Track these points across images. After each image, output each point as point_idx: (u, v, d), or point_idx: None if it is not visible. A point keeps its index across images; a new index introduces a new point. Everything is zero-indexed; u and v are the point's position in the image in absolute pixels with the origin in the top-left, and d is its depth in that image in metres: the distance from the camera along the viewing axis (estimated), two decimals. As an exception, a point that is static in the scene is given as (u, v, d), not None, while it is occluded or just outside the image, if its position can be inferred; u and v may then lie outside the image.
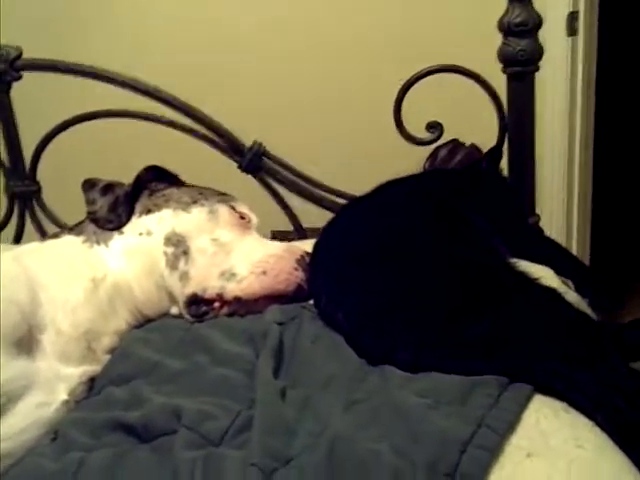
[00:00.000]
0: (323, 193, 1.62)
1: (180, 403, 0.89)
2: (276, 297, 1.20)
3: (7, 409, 0.96)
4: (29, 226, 1.73)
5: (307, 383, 0.91)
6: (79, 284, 1.16)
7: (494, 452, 0.74)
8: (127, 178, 1.33)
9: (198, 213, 1.26)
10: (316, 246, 1.21)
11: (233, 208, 1.29)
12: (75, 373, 1.07)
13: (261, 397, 0.86)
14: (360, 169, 1.55)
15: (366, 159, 1.63)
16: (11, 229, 1.75)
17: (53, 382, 1.03)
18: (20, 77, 1.60)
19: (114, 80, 1.61)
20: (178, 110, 1.62)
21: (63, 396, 1.03)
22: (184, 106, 1.61)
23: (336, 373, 0.92)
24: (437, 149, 1.75)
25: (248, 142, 1.60)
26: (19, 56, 1.58)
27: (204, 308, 1.19)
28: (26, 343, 1.02)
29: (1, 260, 1.15)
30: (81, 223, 1.29)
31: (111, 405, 0.96)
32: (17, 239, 1.73)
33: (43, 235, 1.71)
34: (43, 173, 1.71)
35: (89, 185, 1.34)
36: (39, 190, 1.70)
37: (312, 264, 1.20)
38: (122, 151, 1.74)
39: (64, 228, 1.58)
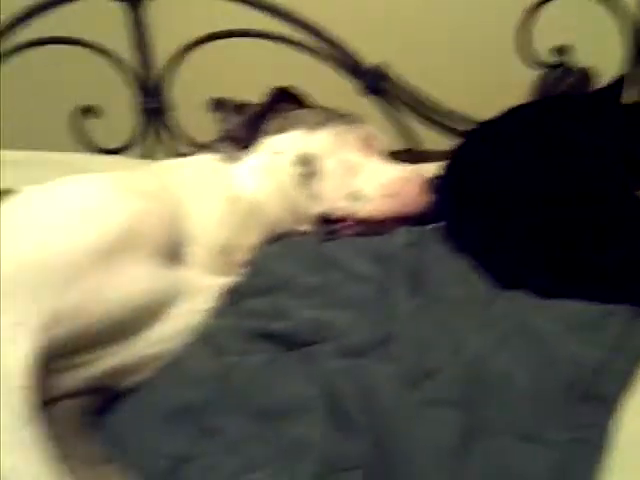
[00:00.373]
0: (443, 116, 1.63)
1: (323, 315, 0.96)
2: (402, 219, 1.24)
3: (160, 315, 1.03)
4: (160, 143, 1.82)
5: (438, 304, 0.96)
6: (216, 201, 1.22)
7: (628, 377, 0.77)
8: (254, 99, 1.38)
9: (327, 134, 1.30)
10: (446, 169, 1.23)
11: (361, 130, 1.33)
12: (216, 283, 1.15)
13: (399, 314, 0.91)
14: (482, 93, 1.54)
15: (488, 83, 1.61)
16: (140, 146, 1.84)
17: (198, 291, 1.11)
18: (152, -5, 1.66)
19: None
20: (305, 30, 1.65)
21: (207, 305, 1.11)
22: (311, 26, 1.63)
23: (465, 296, 0.96)
24: (547, 74, 1.72)
25: (370, 63, 1.62)
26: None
27: (332, 227, 1.25)
28: (174, 255, 1.09)
29: (142, 176, 1.24)
30: (214, 142, 1.35)
31: (254, 315, 1.03)
32: (146, 156, 1.82)
33: (172, 153, 1.80)
34: (174, 91, 1.78)
35: (220, 104, 1.39)
36: (167, 108, 1.77)
37: (440, 187, 1.22)
38: (248, 71, 1.78)
39: (193, 146, 1.66)
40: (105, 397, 0.99)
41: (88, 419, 0.95)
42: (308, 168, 1.27)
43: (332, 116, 1.35)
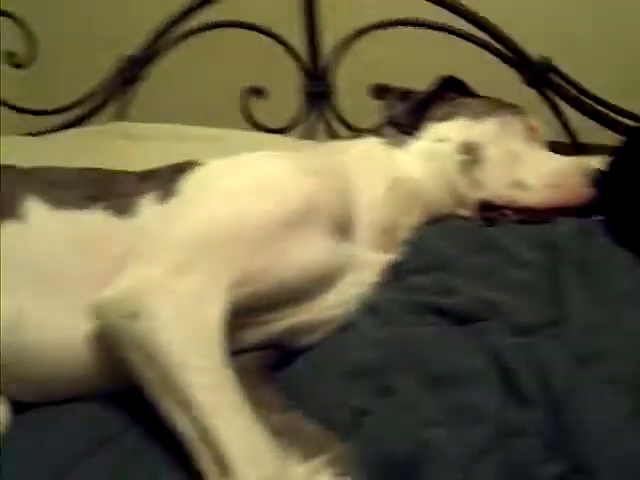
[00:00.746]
0: (605, 110, 1.63)
1: (491, 295, 1.02)
2: (562, 210, 1.27)
3: (335, 283, 1.13)
4: (321, 125, 1.92)
5: (609, 294, 0.99)
6: (381, 182, 1.28)
7: None
8: (416, 87, 1.43)
9: (492, 124, 1.34)
10: (610, 164, 1.25)
11: (524, 120, 1.36)
12: (380, 259, 1.22)
13: (570, 299, 0.95)
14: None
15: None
16: (301, 127, 1.94)
17: (365, 265, 1.18)
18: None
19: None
20: (470, 22, 1.69)
21: (372, 278, 1.19)
22: (476, 18, 1.67)
23: (635, 287, 0.98)
24: None
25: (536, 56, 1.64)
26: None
27: (493, 214, 1.29)
28: (344, 230, 1.17)
29: (316, 155, 1.33)
30: (379, 127, 1.42)
31: (421, 291, 1.10)
32: (306, 137, 1.91)
33: (331, 135, 1.89)
34: (337, 76, 1.87)
35: (386, 91, 1.45)
36: (331, 92, 1.86)
37: (603, 181, 1.24)
38: (412, 60, 1.84)
39: (352, 130, 1.73)
40: (281, 353, 1.10)
41: (266, 372, 1.05)
42: (472, 155, 1.31)
43: (497, 106, 1.38)
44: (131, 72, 2.05)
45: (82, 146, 1.82)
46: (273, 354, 1.09)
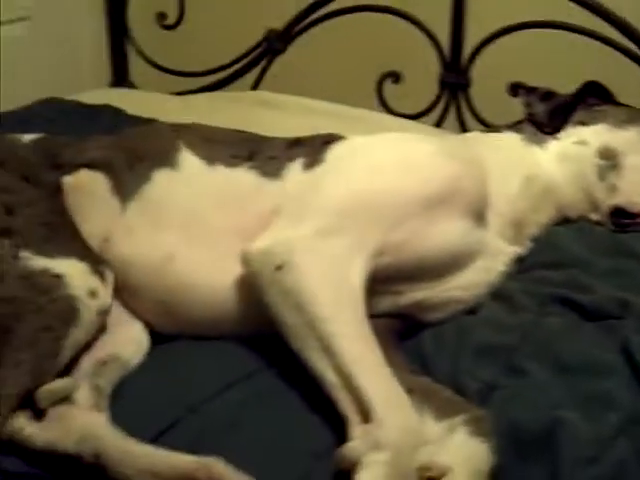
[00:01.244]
0: None
1: (625, 295, 1.05)
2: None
3: (466, 265, 1.17)
4: (452, 116, 1.95)
5: None
6: (516, 177, 1.31)
7: None
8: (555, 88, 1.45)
9: (633, 131, 1.35)
10: None
11: (668, 133, 1.37)
12: (509, 250, 1.25)
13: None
14: None
15: None
16: (434, 115, 1.98)
17: (495, 253, 1.22)
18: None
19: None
20: (617, 28, 1.70)
21: (501, 266, 1.22)
22: (622, 23, 1.68)
23: None
24: None
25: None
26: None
27: (626, 221, 1.31)
28: (480, 216, 1.21)
29: (458, 143, 1.37)
30: (519, 123, 1.44)
31: (548, 284, 1.14)
32: (437, 125, 1.95)
33: (462, 127, 1.92)
34: (476, 71, 1.90)
35: (528, 90, 1.48)
36: (468, 85, 1.90)
37: None
38: (553, 63, 1.86)
39: (483, 124, 1.76)
40: (408, 324, 1.16)
41: (394, 338, 1.10)
42: (611, 161, 1.33)
43: (639, 115, 1.40)
44: (274, 45, 2.13)
45: (221, 109, 1.91)
46: (401, 323, 1.14)
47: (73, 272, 1.03)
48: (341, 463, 0.84)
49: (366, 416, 0.88)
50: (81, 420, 0.91)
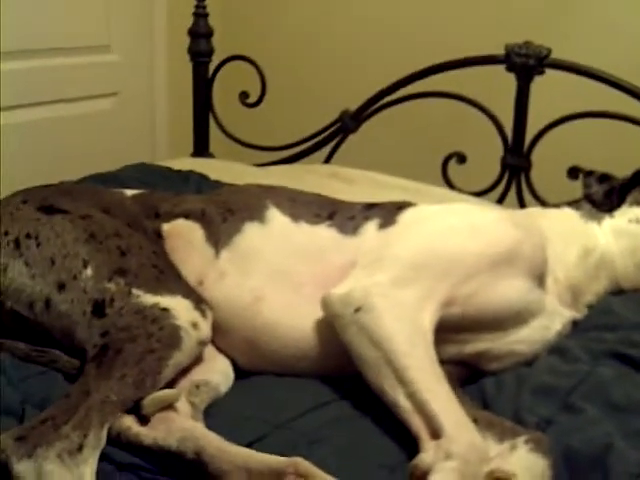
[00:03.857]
0: None
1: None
2: None
3: (526, 322, 1.28)
4: (511, 195, 2.08)
5: None
6: (574, 248, 1.42)
7: None
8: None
9: None
10: None
11: None
12: (566, 313, 1.35)
13: None
14: None
15: None
16: (495, 194, 2.11)
17: (553, 314, 1.32)
18: (543, 72, 1.94)
19: (618, 85, 1.87)
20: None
21: (558, 327, 1.32)
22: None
23: None
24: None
25: None
26: (548, 55, 1.93)
27: (677, 291, 1.40)
28: (539, 279, 1.32)
29: (521, 214, 1.50)
30: (578, 201, 1.55)
31: (604, 342, 1.23)
32: (499, 203, 2.08)
33: (522, 205, 2.05)
34: (536, 154, 2.04)
35: (586, 172, 1.60)
36: (530, 167, 2.03)
37: None
38: (603, 149, 2.00)
39: (545, 203, 1.88)
40: (470, 373, 1.26)
41: (457, 382, 1.20)
42: None
43: (692, 199, 1.50)
44: (347, 124, 2.30)
45: (296, 179, 2.06)
46: (464, 371, 1.25)
47: (178, 307, 1.17)
48: (414, 472, 0.94)
49: (436, 435, 0.98)
50: (182, 423, 1.04)
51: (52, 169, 2.40)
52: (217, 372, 1.22)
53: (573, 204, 1.54)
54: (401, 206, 1.41)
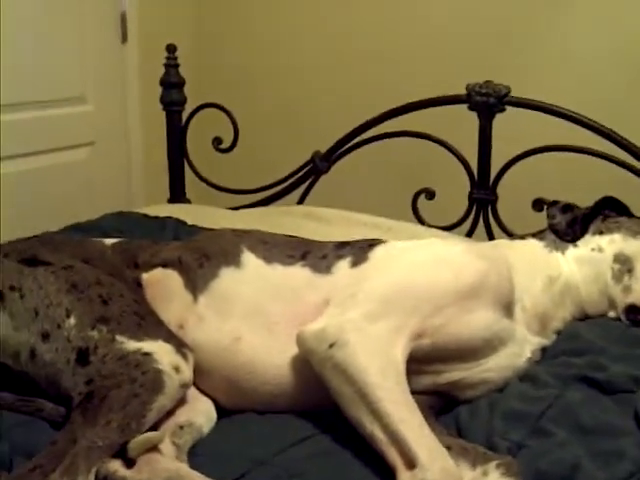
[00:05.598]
0: None
1: (636, 373, 1.19)
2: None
3: (496, 350, 1.32)
4: (480, 228, 2.15)
5: None
6: (539, 277, 1.47)
7: None
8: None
9: None
10: None
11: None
12: (534, 341, 1.40)
13: None
14: None
15: None
16: (464, 227, 2.18)
17: (522, 342, 1.37)
18: (504, 110, 2.03)
19: (577, 121, 1.96)
20: (627, 151, 1.90)
21: (528, 354, 1.37)
22: (635, 149, 1.88)
23: None
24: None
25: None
26: (507, 94, 2.02)
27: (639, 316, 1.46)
28: (507, 308, 1.37)
29: (486, 246, 1.56)
30: (542, 232, 1.60)
31: (572, 366, 1.28)
32: (468, 235, 2.14)
33: (491, 237, 2.11)
34: (501, 188, 2.12)
35: (550, 203, 1.66)
36: (496, 200, 2.10)
37: None
38: (566, 182, 2.08)
39: (511, 235, 1.95)
40: (445, 402, 1.30)
41: (432, 412, 1.24)
42: (624, 266, 1.49)
43: (650, 227, 1.57)
44: (319, 166, 2.37)
45: (271, 221, 2.11)
46: (439, 400, 1.29)
47: (160, 351, 1.21)
48: (392, 502, 0.98)
49: (411, 465, 1.02)
50: (167, 465, 1.07)
51: (32, 219, 2.44)
52: (200, 413, 1.26)
53: (538, 234, 1.59)
54: (372, 243, 1.47)
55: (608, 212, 1.61)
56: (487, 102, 2.05)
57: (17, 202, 2.56)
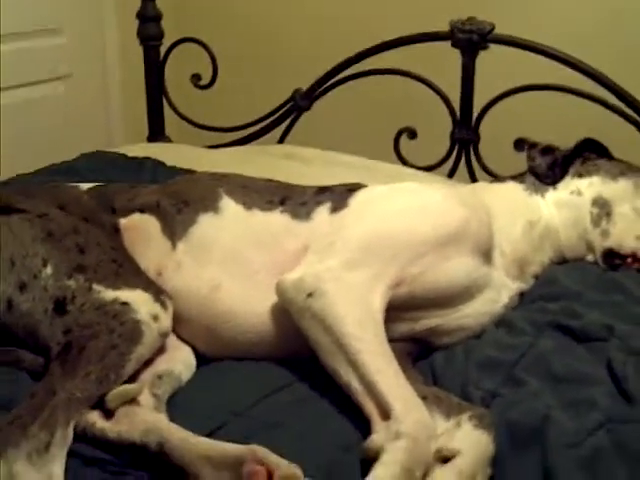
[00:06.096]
0: None
1: (611, 321, 1.21)
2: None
3: (474, 297, 1.34)
4: (462, 168, 2.14)
5: None
6: (519, 221, 1.47)
7: None
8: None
9: (624, 184, 1.51)
10: None
11: (656, 183, 1.53)
12: (513, 286, 1.41)
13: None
14: None
15: None
16: (446, 168, 2.17)
17: (500, 287, 1.38)
18: (487, 47, 1.99)
19: (561, 59, 1.93)
20: (610, 91, 1.89)
21: (505, 299, 1.38)
22: (617, 88, 1.86)
23: None
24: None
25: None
26: (491, 31, 1.98)
27: (617, 261, 1.46)
28: (486, 255, 1.37)
29: (466, 191, 1.55)
30: (522, 174, 1.60)
31: (547, 312, 1.29)
32: (449, 177, 2.14)
33: (472, 178, 2.10)
34: (484, 128, 2.10)
35: (530, 144, 1.65)
36: (478, 140, 2.09)
37: None
38: (552, 121, 2.05)
39: (494, 175, 1.94)
40: (422, 348, 1.32)
41: (409, 359, 1.26)
42: (602, 209, 1.49)
43: (630, 169, 1.56)
44: (300, 103, 2.33)
45: (251, 161, 2.09)
46: (416, 347, 1.31)
47: (139, 300, 1.21)
48: (366, 453, 1.00)
49: (386, 416, 1.04)
50: (145, 416, 1.08)
51: (8, 157, 2.41)
52: (179, 361, 1.26)
53: (518, 177, 1.59)
54: (352, 188, 1.45)
55: (588, 154, 1.60)
56: (470, 39, 2.01)
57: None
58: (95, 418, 1.07)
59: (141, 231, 1.40)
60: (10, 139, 2.55)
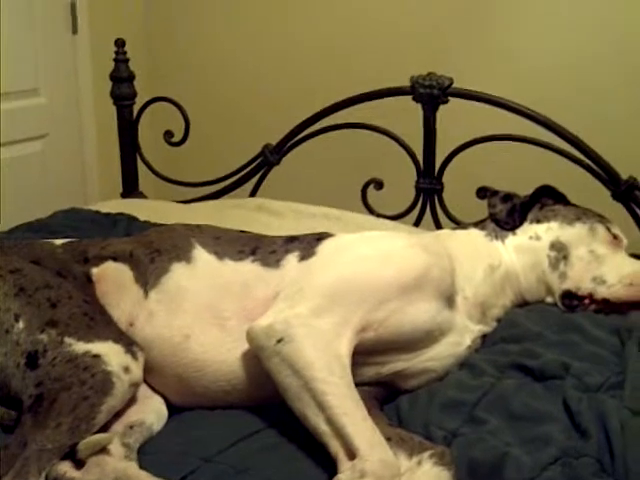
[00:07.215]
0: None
1: (567, 360, 1.26)
2: (635, 304, 1.49)
3: (437, 340, 1.38)
4: (427, 217, 2.20)
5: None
6: (480, 266, 1.53)
7: None
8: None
9: (580, 228, 1.58)
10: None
11: (608, 229, 1.59)
12: (475, 329, 1.45)
13: (631, 367, 1.18)
14: None
15: None
16: (412, 216, 2.23)
17: (463, 331, 1.43)
18: (447, 102, 2.07)
19: (519, 111, 2.01)
20: (565, 140, 1.96)
21: (468, 342, 1.43)
22: (573, 138, 1.94)
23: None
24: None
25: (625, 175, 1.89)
26: (450, 85, 2.06)
27: (575, 302, 1.52)
28: (448, 299, 1.42)
29: (428, 238, 1.60)
30: (483, 221, 1.65)
31: (508, 354, 1.34)
32: (415, 225, 2.19)
33: (438, 226, 2.16)
34: (447, 177, 2.17)
35: (491, 192, 1.72)
36: (442, 189, 2.16)
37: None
38: (510, 170, 2.13)
39: (458, 222, 2.00)
40: (389, 392, 1.35)
41: (375, 402, 1.29)
42: (560, 253, 1.55)
43: (586, 214, 1.63)
44: (270, 158, 2.39)
45: (223, 215, 2.14)
46: (382, 391, 1.34)
47: (110, 352, 1.23)
48: (332, 493, 1.03)
49: (352, 456, 1.07)
50: (115, 465, 1.11)
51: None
52: (150, 411, 1.29)
53: (479, 224, 1.64)
54: (320, 237, 1.50)
55: (546, 200, 1.67)
56: (431, 94, 2.10)
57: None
58: (66, 468, 1.09)
59: (114, 280, 1.43)
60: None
